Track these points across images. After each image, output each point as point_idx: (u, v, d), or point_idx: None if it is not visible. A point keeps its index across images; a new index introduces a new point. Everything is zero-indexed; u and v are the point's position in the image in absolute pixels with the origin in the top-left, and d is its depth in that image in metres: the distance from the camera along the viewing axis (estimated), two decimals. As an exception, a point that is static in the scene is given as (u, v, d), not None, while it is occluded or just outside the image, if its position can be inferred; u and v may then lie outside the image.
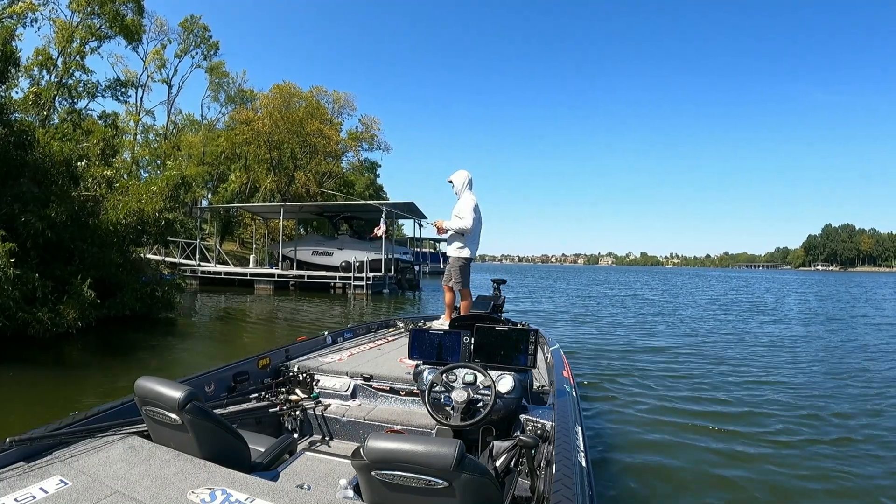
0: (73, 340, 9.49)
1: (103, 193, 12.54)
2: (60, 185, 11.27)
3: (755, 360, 9.53)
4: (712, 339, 12.01)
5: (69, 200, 10.98)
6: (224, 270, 26.64)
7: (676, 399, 6.72)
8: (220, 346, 10.87)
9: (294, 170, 37.97)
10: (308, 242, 29.40)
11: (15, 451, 2.23)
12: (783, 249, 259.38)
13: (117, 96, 34.54)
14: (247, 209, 32.45)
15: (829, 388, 7.39)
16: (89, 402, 5.70)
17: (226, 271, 26.48)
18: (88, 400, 5.93)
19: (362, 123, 44.72)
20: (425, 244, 55.85)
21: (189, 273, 25.92)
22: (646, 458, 4.75)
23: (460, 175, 6.30)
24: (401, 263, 26.43)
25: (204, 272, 26.15)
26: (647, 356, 9.65)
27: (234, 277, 25.62)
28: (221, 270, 26.62)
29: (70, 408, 2.91)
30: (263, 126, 35.19)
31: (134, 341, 10.22)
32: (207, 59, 40.76)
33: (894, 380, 8.04)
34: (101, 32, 26.15)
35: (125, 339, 10.28)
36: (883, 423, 5.81)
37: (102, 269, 11.33)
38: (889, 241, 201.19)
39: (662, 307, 20.99)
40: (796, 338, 12.53)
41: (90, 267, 11.00)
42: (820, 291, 36.11)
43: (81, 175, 12.23)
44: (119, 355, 9.05)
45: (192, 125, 44.49)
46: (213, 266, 27.64)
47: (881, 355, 10.26)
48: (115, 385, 6.96)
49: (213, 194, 40.94)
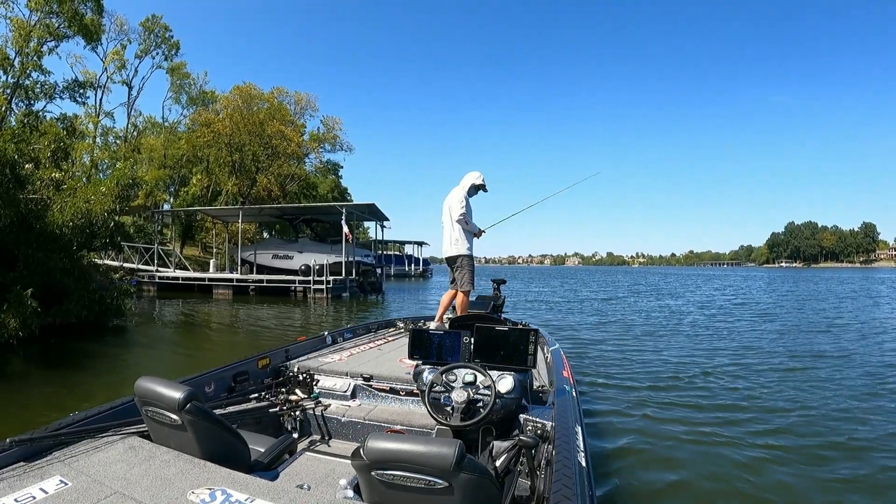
0: (14, 351, 9.18)
1: (50, 196, 12.23)
2: (5, 187, 10.89)
3: (767, 363, 9.21)
4: (722, 343, 11.55)
5: (14, 203, 10.67)
6: (182, 276, 26.19)
7: (677, 400, 6.76)
8: (172, 356, 10.48)
9: (256, 172, 37.51)
10: (268, 246, 29.15)
11: (15, 451, 2.23)
12: (747, 247, 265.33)
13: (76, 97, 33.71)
14: (206, 212, 31.94)
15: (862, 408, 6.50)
16: (29, 417, 5.62)
17: (184, 276, 26.03)
18: (27, 415, 5.80)
19: (324, 124, 44.48)
20: (390, 246, 55.92)
21: (147, 279, 25.48)
22: (646, 458, 4.79)
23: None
24: (362, 266, 26.32)
25: (162, 278, 25.70)
26: (647, 357, 9.72)
27: (192, 283, 25.20)
28: (179, 276, 26.17)
29: (10, 425, 2.85)
30: (224, 128, 34.65)
31: (79, 351, 9.91)
32: (168, 59, 40.21)
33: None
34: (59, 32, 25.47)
35: (70, 349, 9.93)
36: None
37: (47, 274, 10.99)
38: (851, 237, 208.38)
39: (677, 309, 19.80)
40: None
41: (34, 273, 10.69)
42: (814, 288, 35.02)
43: (28, 178, 11.88)
44: (62, 367, 8.72)
45: (154, 127, 43.61)
46: (172, 271, 27.14)
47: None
48: (59, 397, 6.77)
49: (175, 198, 40.14)
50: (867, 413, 6.10)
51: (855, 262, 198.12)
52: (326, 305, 20.81)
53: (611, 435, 5.37)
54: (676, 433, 5.44)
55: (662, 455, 4.85)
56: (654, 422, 5.81)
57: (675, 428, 5.60)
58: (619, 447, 5.03)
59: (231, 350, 11.11)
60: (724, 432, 5.45)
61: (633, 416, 5.98)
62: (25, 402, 6.64)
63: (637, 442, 5.18)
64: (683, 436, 5.36)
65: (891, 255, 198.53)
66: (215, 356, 10.32)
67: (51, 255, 11.33)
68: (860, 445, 5.07)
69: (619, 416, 6.03)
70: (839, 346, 10.66)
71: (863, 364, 8.90)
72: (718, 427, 5.61)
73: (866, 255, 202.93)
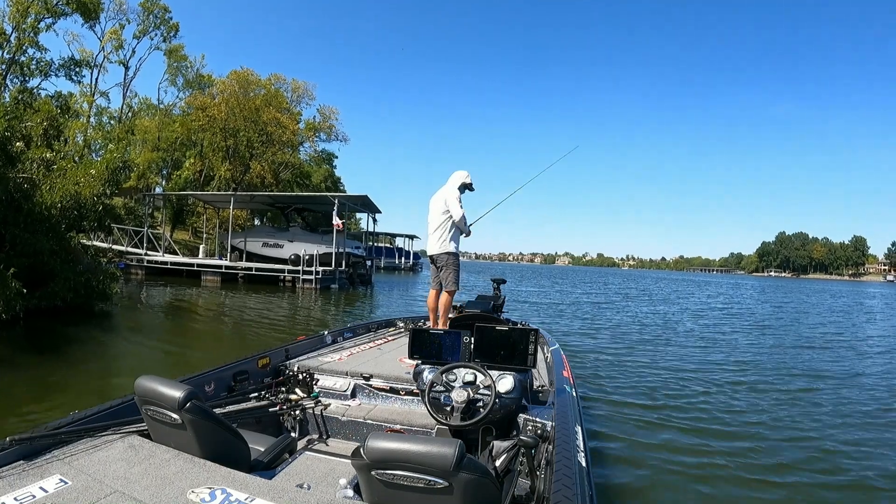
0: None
1: (40, 176, 12.11)
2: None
3: (769, 369, 9.41)
4: (726, 349, 11.76)
5: (3, 181, 10.52)
6: (170, 260, 26.00)
7: (679, 401, 6.84)
8: (155, 345, 10.15)
9: (250, 159, 37.40)
10: (259, 234, 29.07)
11: (15, 450, 2.22)
12: (737, 255, 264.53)
13: (71, 76, 33.67)
14: (198, 197, 31.80)
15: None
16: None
17: (172, 261, 25.82)
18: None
19: (320, 113, 44.40)
20: (381, 239, 55.83)
21: (135, 262, 25.32)
22: (646, 458, 4.83)
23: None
24: (352, 258, 26.29)
25: (150, 262, 25.48)
26: (648, 357, 9.85)
27: (181, 268, 25.02)
28: (168, 260, 25.97)
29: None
30: (219, 112, 34.51)
31: (60, 335, 9.76)
32: (167, 41, 39.89)
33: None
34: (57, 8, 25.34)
35: (53, 333, 9.80)
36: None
37: (34, 256, 10.88)
38: (841, 250, 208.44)
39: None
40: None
41: (21, 254, 10.59)
42: (806, 300, 34.56)
43: (18, 156, 11.73)
44: (47, 351, 8.51)
45: (149, 109, 43.34)
46: (161, 255, 26.96)
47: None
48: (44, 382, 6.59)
49: (168, 181, 39.95)
50: (873, 446, 5.55)
51: (844, 275, 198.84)
52: (315, 296, 20.76)
53: (611, 435, 5.41)
54: (677, 434, 5.53)
55: (663, 455, 4.91)
56: (654, 422, 5.92)
57: (676, 428, 5.70)
58: (620, 447, 5.07)
59: (215, 341, 11.17)
60: (723, 432, 5.58)
61: (633, 419, 6.03)
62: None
63: (638, 442, 5.23)
64: (685, 436, 5.45)
65: (879, 270, 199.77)
66: (199, 347, 10.37)
67: (38, 236, 11.20)
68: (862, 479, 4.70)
69: (619, 415, 6.09)
70: (841, 367, 10.14)
71: (871, 387, 8.43)
72: (719, 430, 5.71)
73: (855, 269, 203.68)
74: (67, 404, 4.48)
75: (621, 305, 23.63)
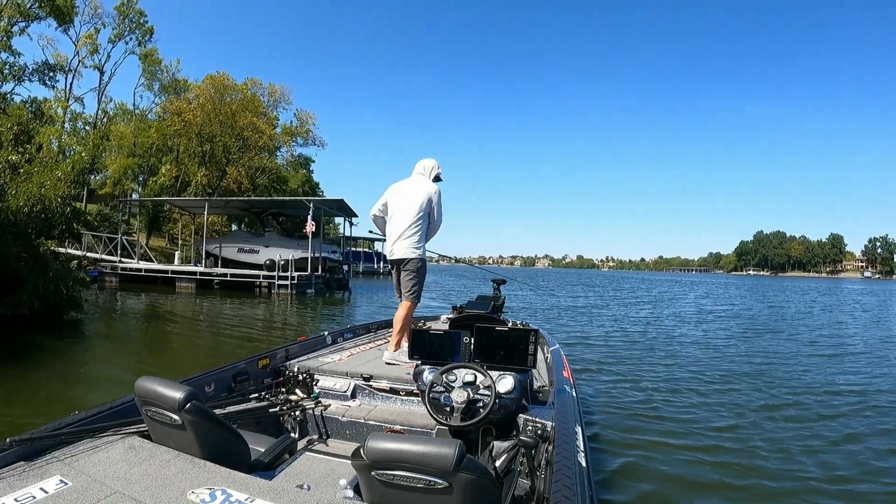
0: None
1: (7, 180, 11.89)
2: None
3: (772, 371, 9.19)
4: (730, 350, 11.53)
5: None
6: (145, 267, 25.80)
7: (680, 402, 6.84)
8: (126, 356, 9.78)
9: (226, 164, 37.13)
10: (234, 239, 28.82)
11: (15, 450, 2.22)
12: (716, 254, 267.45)
13: (45, 80, 33.12)
14: (173, 203, 31.51)
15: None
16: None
17: (146, 268, 25.63)
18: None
19: (297, 118, 44.05)
20: (359, 243, 55.65)
21: (109, 269, 25.06)
22: (646, 458, 4.83)
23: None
24: (329, 263, 26.27)
25: (124, 269, 25.24)
26: (648, 357, 9.90)
27: (156, 275, 24.81)
28: (143, 267, 25.76)
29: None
30: (195, 118, 34.23)
31: (25, 344, 9.49)
32: (142, 45, 39.12)
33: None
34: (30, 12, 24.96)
35: (17, 342, 9.47)
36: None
37: (1, 262, 10.66)
38: (818, 248, 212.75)
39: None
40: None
41: (-14, 261, 10.36)
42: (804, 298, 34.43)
43: (-16, 161, 11.49)
44: (9, 360, 8.16)
45: (124, 114, 42.66)
46: (135, 263, 26.70)
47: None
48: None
49: (144, 188, 39.44)
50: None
51: (822, 272, 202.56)
52: (290, 301, 20.71)
53: (611, 435, 5.45)
54: (678, 434, 5.56)
55: (663, 455, 4.93)
56: (655, 422, 5.94)
57: (676, 429, 5.73)
58: (620, 448, 5.09)
59: (187, 349, 11.05)
60: (725, 434, 5.59)
61: (633, 419, 6.07)
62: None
63: (638, 442, 5.25)
64: (686, 439, 5.45)
65: (856, 266, 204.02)
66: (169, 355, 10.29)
67: (4, 242, 10.98)
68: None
69: (619, 415, 6.14)
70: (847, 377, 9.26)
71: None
72: (720, 431, 5.72)
73: (833, 266, 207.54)
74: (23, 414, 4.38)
75: (617, 310, 22.99)
